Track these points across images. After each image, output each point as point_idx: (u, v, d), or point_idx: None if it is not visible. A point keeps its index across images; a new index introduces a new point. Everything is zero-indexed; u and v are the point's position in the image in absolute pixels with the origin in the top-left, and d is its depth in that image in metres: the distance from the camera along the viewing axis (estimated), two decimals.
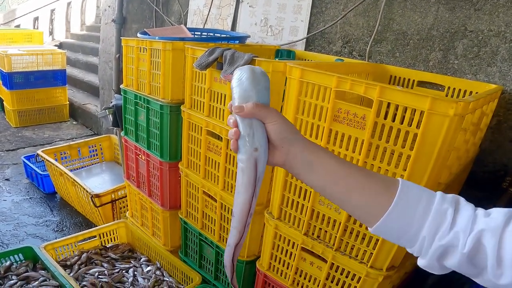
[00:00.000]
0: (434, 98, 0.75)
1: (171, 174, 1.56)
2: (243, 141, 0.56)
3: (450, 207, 0.49)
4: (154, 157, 1.58)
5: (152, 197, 1.68)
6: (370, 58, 1.56)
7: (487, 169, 1.33)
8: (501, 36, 1.28)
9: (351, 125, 0.89)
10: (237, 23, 2.07)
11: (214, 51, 1.19)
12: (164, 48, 1.40)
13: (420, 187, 0.53)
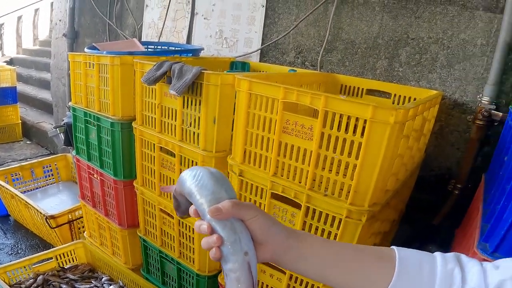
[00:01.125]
0: (375, 106, 0.76)
1: (126, 193, 1.49)
2: (230, 248, 0.49)
3: (456, 267, 0.47)
4: (108, 176, 1.50)
5: (109, 216, 1.60)
6: (322, 68, 1.59)
7: (433, 173, 1.38)
8: (439, 43, 1.34)
9: (300, 136, 0.89)
10: (193, 36, 2.05)
11: (162, 65, 1.16)
12: (112, 63, 1.34)
13: (417, 251, 0.51)
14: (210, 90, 1.05)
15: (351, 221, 0.86)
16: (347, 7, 1.54)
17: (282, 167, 0.94)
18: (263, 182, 0.98)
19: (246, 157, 1.01)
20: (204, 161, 1.13)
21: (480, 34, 1.28)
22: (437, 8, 1.35)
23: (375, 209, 0.85)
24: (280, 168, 0.95)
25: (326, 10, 1.59)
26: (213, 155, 1.12)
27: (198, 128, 1.12)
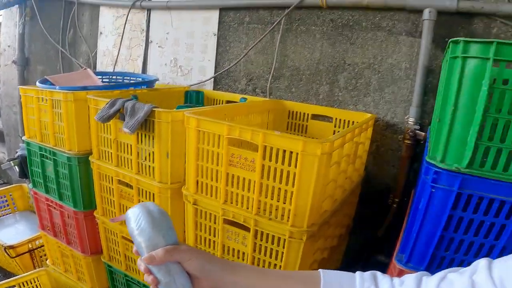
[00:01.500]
0: (304, 141, 0.89)
1: (87, 223, 1.53)
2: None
3: (372, 285, 0.57)
4: (68, 208, 1.54)
5: (72, 244, 1.63)
6: (271, 95, 1.73)
7: (374, 189, 1.54)
8: (371, 68, 1.52)
9: (244, 167, 1.00)
10: (148, 64, 2.12)
11: (115, 103, 1.23)
12: (66, 99, 1.39)
13: (340, 273, 0.61)
14: (162, 126, 1.14)
15: (294, 241, 0.98)
16: (291, 35, 1.69)
17: (231, 195, 1.05)
18: (215, 210, 1.08)
19: (198, 188, 1.11)
20: (160, 192, 1.21)
21: (404, 58, 1.46)
22: (368, 34, 1.52)
23: (314, 229, 0.98)
24: (229, 197, 1.06)
25: (273, 38, 1.74)
26: (168, 187, 1.20)
27: (153, 162, 1.21)
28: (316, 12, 1.62)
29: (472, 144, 0.69)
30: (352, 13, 1.55)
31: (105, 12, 2.35)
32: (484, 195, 0.73)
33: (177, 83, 2.01)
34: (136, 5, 2.13)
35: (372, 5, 1.48)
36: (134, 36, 2.20)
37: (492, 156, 0.70)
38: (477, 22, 1.33)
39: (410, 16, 1.43)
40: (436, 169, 0.76)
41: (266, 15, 1.74)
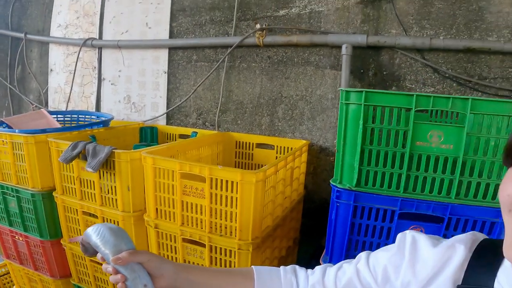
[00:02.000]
0: (242, 172, 1.16)
1: (54, 250, 1.70)
2: (132, 282, 0.72)
3: (292, 276, 0.80)
4: (34, 238, 1.70)
5: (39, 270, 1.79)
6: (219, 127, 2.01)
7: (315, 204, 1.85)
8: (304, 99, 1.85)
9: (196, 195, 1.25)
10: (101, 101, 2.33)
11: (77, 146, 1.44)
12: (27, 141, 1.57)
13: (268, 267, 0.83)
14: (122, 165, 1.37)
15: (242, 252, 1.24)
16: (235, 72, 1.99)
17: (187, 218, 1.29)
18: (174, 231, 1.32)
19: (158, 214, 1.34)
20: (124, 219, 1.43)
21: (330, 90, 1.80)
22: (299, 69, 1.85)
23: (258, 241, 1.24)
24: (185, 219, 1.30)
25: (218, 75, 2.03)
26: (131, 215, 1.42)
27: (116, 195, 1.42)
28: (255, 50, 1.94)
29: (357, 169, 1.00)
30: (285, 50, 1.88)
31: (55, 49, 2.53)
32: (371, 205, 1.05)
33: (131, 119, 2.22)
34: (87, 44, 2.33)
35: (300, 43, 1.81)
36: (86, 74, 2.40)
37: (371, 177, 1.02)
38: (383, 55, 1.70)
39: (332, 51, 1.79)
40: (338, 189, 1.06)
41: (212, 53, 2.04)
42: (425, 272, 0.62)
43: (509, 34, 1.52)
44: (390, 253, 0.69)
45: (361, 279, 0.72)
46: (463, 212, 1.03)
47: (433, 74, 1.64)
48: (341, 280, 0.74)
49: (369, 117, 1.00)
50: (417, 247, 0.65)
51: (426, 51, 1.63)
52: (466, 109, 0.95)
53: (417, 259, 0.64)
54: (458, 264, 0.59)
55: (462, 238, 0.63)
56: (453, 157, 0.98)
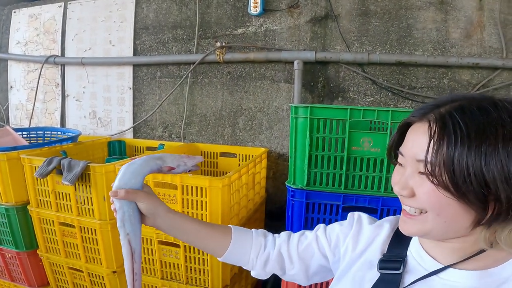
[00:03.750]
0: (210, 179, 1.36)
1: (31, 260, 1.79)
2: (119, 219, 0.82)
3: (262, 237, 0.90)
4: (10, 250, 1.78)
5: (16, 281, 1.86)
6: (185, 139, 2.19)
7: (277, 205, 2.08)
8: (262, 111, 2.08)
9: (169, 201, 1.43)
10: (66, 117, 2.42)
11: (52, 161, 1.57)
12: None
13: (243, 229, 0.92)
14: (97, 177, 1.52)
15: None
16: (198, 87, 2.19)
17: None
18: (150, 235, 1.49)
19: None
20: (101, 227, 1.56)
21: (285, 101, 2.04)
22: (257, 83, 2.09)
23: None
24: None
25: (182, 90, 2.21)
26: (108, 222, 1.56)
27: (92, 205, 1.56)
28: (216, 66, 2.15)
29: (306, 171, 1.24)
30: (244, 66, 2.11)
31: (15, 66, 2.59)
32: (320, 201, 1.29)
33: (97, 133, 2.34)
34: (49, 61, 2.43)
35: (257, 60, 2.05)
36: (49, 90, 2.48)
37: (318, 177, 1.26)
38: (330, 69, 1.97)
39: (286, 67, 2.04)
40: (292, 189, 1.30)
41: (175, 70, 2.22)
42: (363, 242, 0.81)
43: (432, 48, 1.83)
44: (342, 226, 0.87)
45: (319, 243, 0.86)
46: (391, 203, 1.29)
47: (372, 85, 1.93)
48: (302, 243, 0.89)
49: (314, 127, 1.25)
50: (361, 223, 0.84)
51: (365, 65, 1.92)
52: (388, 118, 1.22)
53: (359, 231, 0.83)
54: (385, 237, 0.78)
55: (390, 218, 0.84)
56: (380, 158, 1.25)
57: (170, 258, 1.51)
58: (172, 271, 1.53)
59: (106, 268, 1.63)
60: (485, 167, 0.54)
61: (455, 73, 1.82)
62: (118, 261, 1.64)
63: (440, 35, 1.81)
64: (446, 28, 1.81)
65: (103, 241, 1.59)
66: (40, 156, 1.62)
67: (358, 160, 1.27)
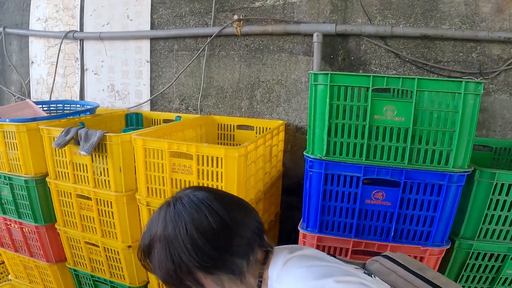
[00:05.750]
0: (225, 148, 1.30)
1: (49, 234, 1.78)
2: None
3: None
4: (29, 224, 1.77)
5: (35, 256, 1.86)
6: (201, 111, 2.13)
7: (294, 180, 2.01)
8: (280, 83, 1.99)
9: (184, 172, 1.38)
10: (85, 90, 2.39)
11: (69, 131, 1.53)
12: (18, 130, 1.65)
13: None
14: (113, 147, 1.47)
15: None
16: (215, 59, 2.11)
17: None
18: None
19: (149, 192, 1.46)
20: (117, 200, 1.53)
21: (303, 74, 1.95)
22: (275, 55, 1.99)
23: None
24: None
25: (199, 63, 2.13)
26: (123, 194, 1.53)
27: (108, 176, 1.53)
28: (234, 39, 2.06)
29: (325, 140, 1.16)
30: (261, 39, 2.01)
31: (35, 42, 2.56)
32: (339, 173, 1.21)
33: (115, 106, 2.31)
34: (68, 36, 2.38)
35: (275, 32, 1.95)
36: (68, 65, 2.45)
37: (338, 147, 1.17)
38: (351, 42, 1.86)
39: (305, 39, 1.93)
40: (310, 159, 1.22)
41: (192, 43, 2.14)
42: None
43: (460, 22, 1.70)
44: None
45: None
46: (416, 176, 1.20)
47: (395, 58, 1.81)
48: None
49: (335, 95, 1.16)
50: None
51: (388, 38, 1.79)
52: (413, 87, 1.11)
53: None
54: None
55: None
56: (405, 127, 1.15)
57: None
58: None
59: (121, 243, 1.61)
60: None
61: (484, 48, 1.69)
62: (133, 235, 1.61)
63: (469, 9, 1.68)
64: (476, 2, 1.68)
65: (119, 214, 1.56)
66: (59, 127, 1.58)
67: (381, 130, 1.17)
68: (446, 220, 1.24)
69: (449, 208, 1.22)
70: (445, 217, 1.24)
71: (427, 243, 1.28)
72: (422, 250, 1.28)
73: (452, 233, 1.33)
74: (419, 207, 1.23)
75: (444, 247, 1.28)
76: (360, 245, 1.32)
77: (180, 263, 0.77)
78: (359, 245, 1.33)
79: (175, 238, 0.77)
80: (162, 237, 0.78)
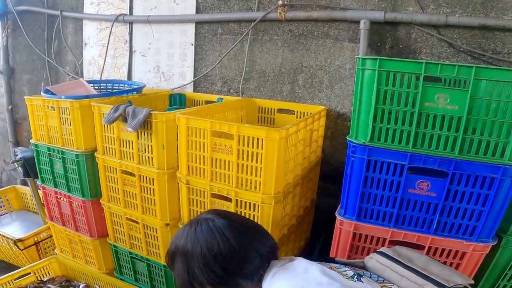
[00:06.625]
0: (267, 129, 1.28)
1: (94, 209, 1.87)
2: None
3: None
4: (76, 198, 1.87)
5: (80, 231, 1.97)
6: (243, 94, 2.12)
7: (333, 167, 1.97)
8: (323, 69, 1.94)
9: (224, 152, 1.39)
10: (133, 71, 2.47)
11: (118, 108, 1.59)
12: (72, 106, 1.73)
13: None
14: (158, 125, 1.51)
15: (265, 205, 1.38)
16: (258, 44, 2.09)
17: (215, 174, 1.44)
18: (203, 187, 1.47)
19: (189, 171, 1.49)
20: (158, 177, 1.58)
21: (348, 60, 1.88)
22: (319, 41, 1.94)
23: (279, 196, 1.38)
24: (214, 175, 1.44)
25: (243, 47, 2.12)
26: (165, 172, 1.57)
27: (151, 153, 1.58)
28: (277, 24, 2.02)
29: (370, 126, 1.11)
30: (306, 25, 1.96)
31: (89, 25, 2.67)
32: (382, 160, 1.16)
33: (160, 87, 2.36)
34: (118, 19, 2.45)
35: (320, 18, 1.89)
36: (118, 47, 2.53)
37: (383, 133, 1.13)
38: (400, 30, 1.77)
39: (351, 26, 1.86)
40: (353, 144, 1.18)
41: (236, 27, 2.13)
42: None
43: None
44: None
45: None
46: (466, 167, 1.13)
47: (448, 48, 1.70)
48: None
49: (383, 81, 1.10)
50: None
51: (441, 27, 1.69)
52: (470, 75, 1.03)
53: None
54: None
55: None
56: (458, 116, 1.08)
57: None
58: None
59: (160, 220, 1.66)
60: None
61: None
62: (172, 213, 1.66)
63: None
64: None
65: (159, 190, 1.60)
66: (108, 104, 1.64)
67: (431, 117, 1.11)
68: (495, 215, 1.16)
69: (500, 203, 1.14)
70: (495, 212, 1.16)
71: (471, 238, 1.21)
72: (466, 245, 1.21)
73: (500, 229, 1.24)
74: (466, 199, 1.16)
75: (489, 243, 1.20)
76: (399, 235, 1.27)
77: (194, 276, 0.96)
78: (397, 236, 1.28)
79: (191, 256, 0.96)
80: (182, 252, 0.98)
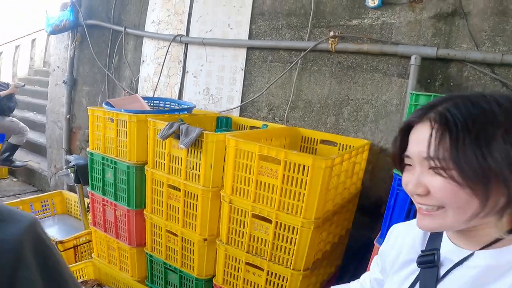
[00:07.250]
0: (314, 157, 1.34)
1: (137, 219, 1.98)
2: None
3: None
4: (122, 206, 1.99)
5: (120, 238, 2.07)
6: (287, 122, 2.20)
7: (371, 201, 1.97)
8: (369, 103, 1.97)
9: (270, 176, 1.45)
10: (184, 91, 2.62)
11: (172, 125, 1.70)
12: (130, 120, 1.87)
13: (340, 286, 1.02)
14: (208, 145, 1.61)
15: (304, 229, 1.41)
16: (306, 73, 2.17)
17: (259, 196, 1.50)
18: (246, 207, 1.53)
19: (233, 191, 1.56)
20: (203, 194, 1.66)
21: (395, 96, 1.91)
22: (367, 75, 1.99)
23: (319, 221, 1.41)
24: (257, 197, 1.50)
25: (291, 75, 2.22)
26: (210, 190, 1.65)
27: (199, 171, 1.67)
28: (327, 55, 2.10)
29: None
30: (355, 57, 2.02)
31: (148, 43, 2.88)
32: None
33: (208, 109, 2.49)
34: (176, 40, 2.64)
35: (371, 52, 1.95)
36: (172, 66, 2.71)
37: None
38: (452, 67, 1.79)
39: (401, 61, 1.90)
40: (399, 177, 1.20)
41: (286, 55, 2.23)
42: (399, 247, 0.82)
43: None
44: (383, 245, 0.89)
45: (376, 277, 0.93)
46: None
47: (501, 88, 1.69)
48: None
49: None
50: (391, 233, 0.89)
51: (496, 66, 1.69)
52: None
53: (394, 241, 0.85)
54: (420, 235, 0.78)
55: None
56: None
57: (259, 233, 1.53)
58: (259, 246, 1.54)
59: (199, 235, 1.72)
60: (489, 155, 0.56)
61: None
62: (211, 230, 1.72)
63: None
64: None
65: (202, 207, 1.68)
66: (163, 121, 1.77)
67: None
68: None
69: None
70: None
71: None
72: None
73: None
74: None
75: None
76: None
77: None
78: None
79: None
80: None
